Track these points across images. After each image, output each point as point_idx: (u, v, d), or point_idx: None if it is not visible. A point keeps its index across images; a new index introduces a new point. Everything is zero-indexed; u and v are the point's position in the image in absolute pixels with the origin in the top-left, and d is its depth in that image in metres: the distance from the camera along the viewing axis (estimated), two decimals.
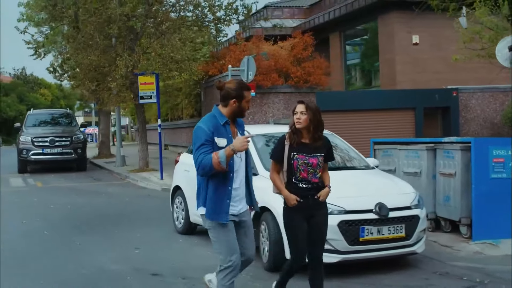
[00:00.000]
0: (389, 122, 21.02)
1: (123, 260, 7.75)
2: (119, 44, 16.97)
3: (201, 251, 8.25)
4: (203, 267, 7.35)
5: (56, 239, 9.15)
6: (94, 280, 6.79)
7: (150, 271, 7.17)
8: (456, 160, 8.83)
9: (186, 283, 6.68)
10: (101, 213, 11.61)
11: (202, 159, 4.63)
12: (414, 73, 23.61)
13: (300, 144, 5.24)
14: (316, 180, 5.25)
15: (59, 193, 14.83)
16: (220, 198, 4.77)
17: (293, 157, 5.23)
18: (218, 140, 4.72)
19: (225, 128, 4.81)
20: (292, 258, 5.37)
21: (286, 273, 5.46)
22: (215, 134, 4.71)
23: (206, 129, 4.71)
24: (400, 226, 6.94)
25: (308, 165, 5.21)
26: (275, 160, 5.36)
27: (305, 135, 5.26)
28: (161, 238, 9.26)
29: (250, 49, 17.68)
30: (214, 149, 4.66)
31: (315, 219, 5.27)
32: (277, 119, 17.31)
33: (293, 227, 5.27)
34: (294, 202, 5.18)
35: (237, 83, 4.89)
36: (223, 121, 4.80)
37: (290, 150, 5.24)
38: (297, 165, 5.22)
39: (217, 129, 4.74)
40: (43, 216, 11.35)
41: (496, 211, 8.50)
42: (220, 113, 4.84)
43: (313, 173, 5.23)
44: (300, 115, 5.23)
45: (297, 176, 5.23)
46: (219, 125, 4.77)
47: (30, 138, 19.38)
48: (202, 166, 4.63)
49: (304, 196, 5.21)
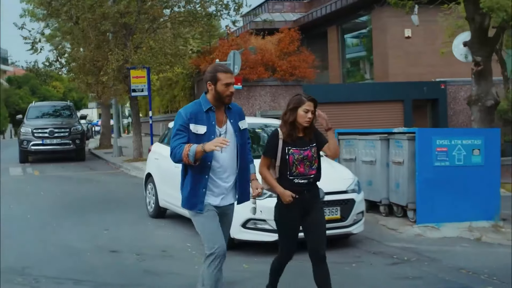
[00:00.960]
0: (378, 114, 21.62)
1: (90, 239, 8.48)
2: (112, 39, 17.71)
3: (163, 233, 8.98)
4: (159, 246, 8.12)
5: (35, 222, 9.90)
6: (56, 255, 7.53)
7: (110, 248, 7.90)
8: (404, 149, 9.46)
9: (138, 258, 7.39)
10: (85, 199, 12.37)
11: (174, 148, 4.57)
12: (406, 66, 24.11)
13: (296, 139, 5.04)
14: (313, 171, 5.07)
15: (52, 181, 15.63)
16: (195, 187, 4.67)
17: (289, 152, 5.00)
18: (194, 127, 4.59)
19: (208, 115, 4.65)
20: (280, 254, 5.24)
21: (275, 271, 5.33)
22: (193, 120, 4.59)
23: (183, 115, 4.62)
24: (335, 209, 7.61)
25: (304, 159, 5.01)
26: (268, 156, 5.09)
27: (300, 129, 5.07)
28: (132, 220, 9.98)
29: (239, 44, 18.33)
30: (190, 136, 4.58)
31: (312, 215, 5.08)
32: (264, 110, 17.97)
33: (285, 224, 5.11)
34: (290, 198, 4.95)
35: (212, 66, 4.78)
36: (206, 107, 4.66)
37: (284, 145, 5.01)
38: (293, 160, 5.00)
39: (196, 116, 4.61)
40: (31, 202, 12.13)
41: (438, 197, 9.13)
42: (205, 99, 4.71)
43: (309, 165, 5.04)
44: (311, 114, 5.01)
45: (292, 172, 5.01)
46: (200, 112, 4.64)
47: (30, 130, 20.21)
48: (173, 155, 4.59)
49: (300, 191, 5.00)
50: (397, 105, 22.14)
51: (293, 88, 18.32)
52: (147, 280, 6.42)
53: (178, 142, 4.57)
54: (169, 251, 7.80)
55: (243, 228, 7.53)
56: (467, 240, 8.64)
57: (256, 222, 7.50)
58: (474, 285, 6.35)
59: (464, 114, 22.90)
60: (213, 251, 4.64)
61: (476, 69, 10.31)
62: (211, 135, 4.60)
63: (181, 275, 6.64)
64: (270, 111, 17.96)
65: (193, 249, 7.85)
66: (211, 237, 4.68)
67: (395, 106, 22.17)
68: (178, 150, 4.53)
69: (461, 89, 22.72)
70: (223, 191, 4.78)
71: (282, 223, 5.14)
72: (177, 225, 9.41)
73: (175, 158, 4.58)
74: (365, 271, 6.88)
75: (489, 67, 10.54)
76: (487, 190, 9.35)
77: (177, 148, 4.54)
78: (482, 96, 10.28)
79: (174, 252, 7.74)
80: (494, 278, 6.60)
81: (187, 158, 4.47)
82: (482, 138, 9.36)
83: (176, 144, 4.57)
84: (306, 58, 18.88)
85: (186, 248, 7.95)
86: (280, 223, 5.16)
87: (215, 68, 4.69)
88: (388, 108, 22.12)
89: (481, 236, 8.81)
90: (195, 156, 4.46)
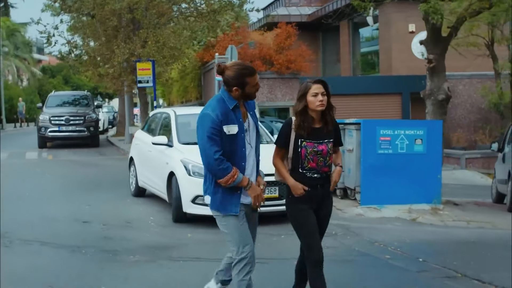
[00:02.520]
0: (376, 106, 22.59)
1: (70, 212, 9.75)
2: (120, 34, 19.05)
3: (135, 208, 10.23)
4: (126, 218, 9.38)
5: (30, 198, 11.23)
6: (36, 224, 8.81)
7: (84, 219, 9.17)
8: (354, 138, 10.51)
9: (103, 227, 8.64)
10: (82, 180, 13.69)
11: (214, 163, 4.30)
12: (409, 60, 24.90)
13: (311, 130, 4.66)
14: (326, 169, 4.71)
15: (61, 165, 17.04)
16: (230, 190, 4.44)
17: (301, 144, 4.64)
18: (227, 128, 4.31)
19: (235, 113, 4.39)
20: (309, 257, 4.71)
21: (302, 274, 4.91)
22: (224, 122, 4.30)
23: (214, 117, 4.28)
24: (274, 188, 8.73)
25: (318, 153, 4.65)
26: (279, 146, 4.76)
27: (316, 119, 4.67)
28: (115, 198, 11.23)
29: (240, 39, 19.48)
30: (223, 138, 4.32)
31: (322, 211, 4.80)
32: (262, 102, 19.07)
33: (304, 220, 4.70)
34: (301, 191, 4.64)
35: (236, 70, 4.36)
36: (232, 104, 4.38)
37: (297, 137, 4.65)
38: (305, 154, 4.64)
39: (226, 116, 4.32)
40: (34, 182, 13.52)
41: (382, 181, 10.17)
42: (228, 95, 4.39)
43: (323, 161, 4.68)
44: (322, 96, 4.61)
45: (304, 166, 4.66)
46: (228, 111, 4.35)
47: (48, 117, 21.70)
48: (209, 166, 4.37)
49: (312, 185, 4.68)
50: (395, 97, 23.05)
51: (289, 80, 19.40)
52: (101, 243, 7.65)
53: (213, 150, 4.29)
54: (132, 223, 9.03)
55: (193, 203, 8.70)
56: (402, 220, 9.66)
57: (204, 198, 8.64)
58: (376, 254, 7.42)
59: (462, 107, 23.69)
60: (245, 255, 4.46)
61: (429, 66, 11.25)
62: (242, 133, 4.41)
63: (132, 241, 7.85)
64: (267, 102, 19.06)
65: (154, 221, 9.10)
66: (241, 239, 4.50)
67: (394, 99, 23.08)
68: (219, 167, 4.30)
69: (460, 83, 23.48)
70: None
71: (299, 218, 4.73)
72: (151, 203, 10.63)
73: (211, 170, 4.38)
74: (289, 241, 7.94)
75: (442, 64, 11.45)
76: (429, 176, 10.35)
77: (218, 162, 4.30)
78: (435, 91, 11.21)
79: (136, 223, 8.98)
80: (398, 249, 7.65)
81: (227, 183, 4.34)
82: (425, 129, 10.34)
83: (211, 153, 4.30)
84: (302, 52, 19.90)
85: (148, 220, 9.18)
86: (296, 218, 4.75)
87: (241, 72, 4.33)
88: (387, 100, 23.04)
89: (417, 217, 9.83)
90: (236, 185, 4.37)
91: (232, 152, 4.37)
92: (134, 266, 6.62)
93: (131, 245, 7.60)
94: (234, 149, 4.39)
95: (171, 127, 10.00)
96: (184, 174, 8.82)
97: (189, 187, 8.72)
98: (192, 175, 8.74)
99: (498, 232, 9.34)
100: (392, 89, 22.67)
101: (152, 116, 11.83)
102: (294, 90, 19.50)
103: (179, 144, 9.52)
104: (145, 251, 7.24)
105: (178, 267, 6.62)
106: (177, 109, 10.75)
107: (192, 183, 8.67)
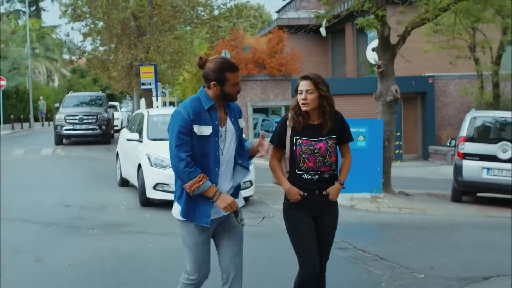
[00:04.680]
0: (367, 106, 23.85)
1: (58, 199, 11.40)
2: (125, 40, 20.86)
3: (115, 195, 11.87)
4: (102, 203, 10.99)
5: (28, 187, 12.96)
6: (25, 207, 10.49)
7: (67, 204, 10.84)
8: None
9: (79, 210, 10.29)
10: (81, 173, 15.44)
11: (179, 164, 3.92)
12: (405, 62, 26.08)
13: (307, 127, 4.31)
14: (326, 168, 4.29)
15: (71, 160, 18.85)
16: (200, 196, 3.98)
17: (296, 142, 4.28)
18: (198, 129, 3.96)
19: (210, 114, 4.02)
20: (300, 270, 4.34)
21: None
22: (196, 121, 3.96)
23: (184, 115, 3.96)
24: None
25: (315, 152, 4.26)
26: (275, 145, 4.43)
27: (314, 116, 4.33)
28: (103, 188, 12.91)
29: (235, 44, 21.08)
30: (193, 139, 3.95)
31: (322, 220, 4.37)
32: (254, 101, 20.62)
33: (297, 227, 4.32)
34: (297, 196, 4.27)
35: (217, 62, 4.00)
36: (208, 105, 4.03)
37: (292, 134, 4.31)
38: (300, 153, 4.27)
39: (198, 115, 3.98)
40: (38, 173, 15.32)
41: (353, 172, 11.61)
42: (206, 95, 4.05)
43: (322, 161, 4.27)
44: (306, 94, 4.26)
45: (300, 166, 4.29)
46: (203, 110, 4.00)
47: (63, 117, 23.62)
48: (176, 170, 3.98)
49: (310, 190, 4.29)
50: None
51: (281, 82, 20.91)
52: (71, 222, 9.29)
53: (181, 150, 3.93)
54: (106, 207, 10.67)
55: (154, 189, 10.31)
56: (342, 207, 10.97)
57: (163, 185, 10.25)
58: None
59: (453, 106, 24.85)
60: (192, 282, 4.14)
61: (378, 71, 12.64)
62: (215, 136, 4.02)
63: (98, 220, 9.46)
64: (260, 102, 20.60)
65: (125, 206, 10.74)
66: (196, 262, 4.10)
67: None
68: (184, 169, 3.91)
69: (450, 83, 24.65)
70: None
71: (294, 227, 4.36)
72: (130, 191, 12.25)
73: (176, 172, 3.98)
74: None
75: (391, 69, 12.81)
76: (370, 169, 11.79)
77: (184, 163, 3.91)
78: (384, 92, 12.58)
79: (109, 207, 10.61)
80: None
81: (191, 189, 3.91)
82: (367, 127, 11.77)
83: (178, 153, 3.93)
84: (293, 56, 21.37)
85: (120, 205, 10.82)
86: (292, 227, 4.37)
87: (221, 67, 3.97)
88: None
89: (355, 204, 11.27)
90: (200, 193, 3.95)
91: (204, 155, 3.99)
92: (89, 237, 8.27)
93: (94, 223, 9.22)
94: (207, 152, 4.00)
95: (143, 125, 11.66)
96: (147, 165, 10.44)
97: (151, 176, 10.34)
98: (154, 166, 10.36)
99: (422, 217, 10.72)
100: None
101: (134, 116, 13.53)
102: (286, 91, 21.01)
103: (148, 140, 11.17)
104: (103, 227, 8.88)
105: (123, 239, 8.23)
106: (151, 110, 12.41)
107: (154, 172, 10.30)
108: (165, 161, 10.10)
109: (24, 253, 7.28)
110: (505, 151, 12.10)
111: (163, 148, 10.43)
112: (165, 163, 10.09)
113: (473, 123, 12.64)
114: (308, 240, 4.29)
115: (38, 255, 7.15)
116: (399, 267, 6.87)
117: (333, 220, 4.43)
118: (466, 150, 12.45)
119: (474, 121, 12.67)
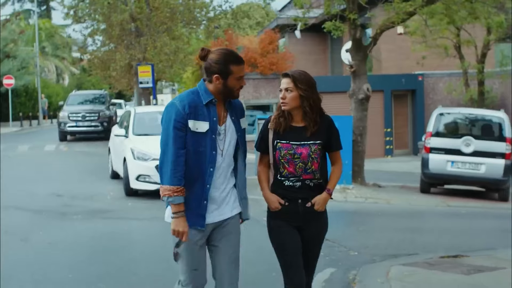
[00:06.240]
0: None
1: (52, 189, 12.38)
2: (123, 42, 21.91)
3: (104, 187, 12.82)
4: (92, 193, 11.97)
5: (26, 180, 13.98)
6: (20, 196, 11.46)
7: (59, 194, 11.84)
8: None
9: (69, 199, 11.29)
10: (79, 167, 16.46)
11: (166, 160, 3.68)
12: (398, 60, 26.96)
13: (289, 129, 4.01)
14: (308, 176, 3.98)
15: (72, 155, 19.88)
16: (193, 197, 3.75)
17: (276, 146, 4.00)
18: (194, 124, 3.68)
19: (208, 109, 3.74)
20: (285, 285, 4.05)
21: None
22: (191, 116, 3.67)
23: (179, 108, 3.68)
24: None
25: (295, 157, 3.96)
26: (259, 149, 4.16)
27: (297, 117, 4.04)
28: (96, 180, 13.90)
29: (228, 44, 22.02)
30: (187, 134, 3.68)
31: (307, 232, 4.08)
32: (247, 99, 21.55)
33: (281, 244, 4.03)
34: (276, 205, 3.99)
35: (221, 53, 3.74)
36: (206, 99, 3.75)
37: (274, 137, 4.03)
38: (279, 157, 3.99)
39: (195, 109, 3.70)
40: (38, 167, 16.35)
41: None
42: (205, 89, 3.77)
43: (303, 167, 3.97)
44: (285, 92, 3.99)
45: (281, 172, 4.01)
46: (200, 105, 3.72)
47: (67, 114, 24.70)
48: (160, 165, 3.75)
49: (292, 198, 3.99)
50: (377, 95, 25.11)
51: (272, 80, 21.83)
52: (59, 209, 10.30)
53: (174, 148, 3.67)
54: (95, 197, 11.65)
55: (136, 180, 11.28)
56: None
57: (145, 176, 11.21)
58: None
59: (443, 103, 25.54)
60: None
61: (351, 70, 13.51)
62: (213, 134, 3.75)
63: (84, 207, 10.46)
64: (252, 100, 21.56)
65: (111, 196, 11.71)
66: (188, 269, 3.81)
67: (375, 96, 25.14)
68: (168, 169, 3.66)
69: (440, 81, 25.46)
70: (218, 203, 3.86)
71: (277, 238, 4.07)
72: (119, 183, 13.23)
73: (160, 169, 3.75)
74: None
75: (363, 69, 13.66)
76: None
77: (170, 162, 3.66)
78: (356, 91, 13.45)
79: (97, 197, 11.60)
80: None
81: (163, 193, 3.68)
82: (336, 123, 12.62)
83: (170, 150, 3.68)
84: (283, 55, 22.30)
85: (107, 195, 11.80)
86: (274, 238, 4.09)
87: (226, 59, 3.71)
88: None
89: None
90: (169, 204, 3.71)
91: (199, 153, 3.71)
92: (73, 221, 9.27)
93: (80, 209, 10.22)
94: (202, 151, 3.72)
95: (129, 122, 12.66)
96: (131, 158, 11.42)
97: (134, 168, 11.33)
98: (137, 159, 11.34)
99: (384, 206, 11.60)
100: (374, 87, 24.75)
101: (124, 113, 14.56)
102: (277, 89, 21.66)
103: (133, 136, 12.16)
104: (87, 213, 9.88)
105: (102, 222, 9.22)
106: (138, 107, 13.40)
107: (136, 165, 11.28)
108: (147, 155, 11.11)
109: (12, 234, 8.28)
110: (468, 145, 12.96)
111: (146, 143, 11.48)
112: (147, 156, 11.09)
113: (439, 119, 13.50)
114: (294, 258, 3.99)
115: (24, 236, 8.15)
116: (338, 246, 7.78)
117: (320, 232, 4.13)
118: (432, 144, 13.32)
119: (440, 117, 13.53)
